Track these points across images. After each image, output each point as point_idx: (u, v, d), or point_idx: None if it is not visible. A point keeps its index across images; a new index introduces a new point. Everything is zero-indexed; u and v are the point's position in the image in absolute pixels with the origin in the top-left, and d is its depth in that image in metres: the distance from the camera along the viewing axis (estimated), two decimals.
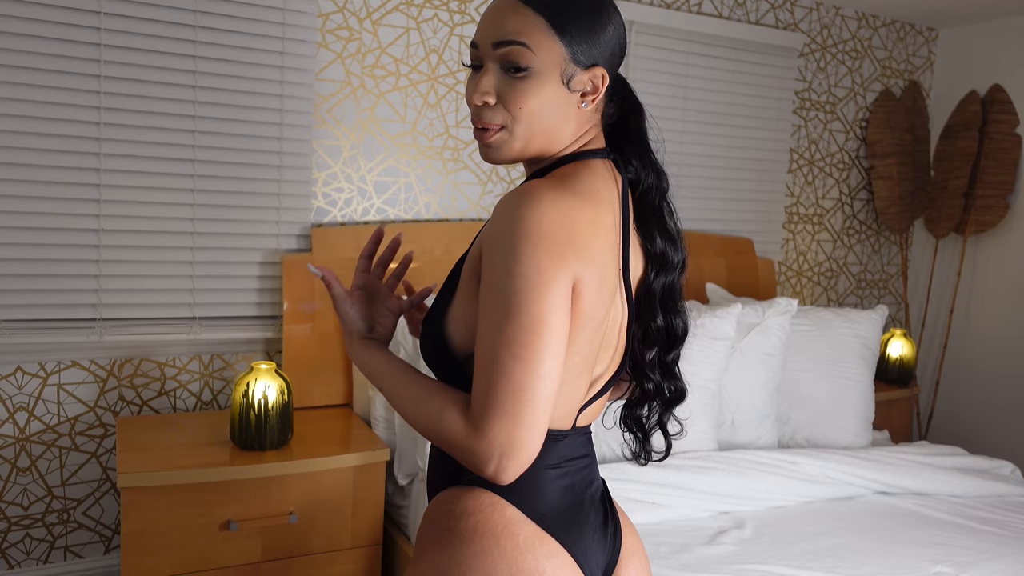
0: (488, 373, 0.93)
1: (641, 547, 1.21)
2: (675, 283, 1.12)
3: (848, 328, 2.80)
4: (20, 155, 2.16)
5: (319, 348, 2.48)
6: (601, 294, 1.00)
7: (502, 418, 0.91)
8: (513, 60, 0.99)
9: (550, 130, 1.03)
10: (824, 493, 2.36)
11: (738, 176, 3.29)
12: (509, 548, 1.00)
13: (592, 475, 1.13)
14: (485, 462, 0.93)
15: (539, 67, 0.99)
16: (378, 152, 2.63)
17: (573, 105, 1.04)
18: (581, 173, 1.04)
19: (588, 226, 0.97)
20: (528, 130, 1.02)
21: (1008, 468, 2.64)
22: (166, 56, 2.28)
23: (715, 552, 1.99)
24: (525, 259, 0.92)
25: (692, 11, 3.10)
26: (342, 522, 2.13)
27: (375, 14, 2.57)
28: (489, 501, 1.02)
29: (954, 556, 2.01)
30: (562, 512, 1.05)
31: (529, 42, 0.99)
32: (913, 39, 3.71)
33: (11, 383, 2.26)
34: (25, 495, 2.30)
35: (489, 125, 1.03)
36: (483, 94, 1.02)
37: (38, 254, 2.21)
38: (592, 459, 1.14)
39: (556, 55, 1.00)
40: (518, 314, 0.92)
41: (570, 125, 1.05)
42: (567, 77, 1.01)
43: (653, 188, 1.12)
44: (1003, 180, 3.42)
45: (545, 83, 1.00)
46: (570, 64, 1.01)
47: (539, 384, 0.92)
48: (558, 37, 0.99)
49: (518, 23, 0.99)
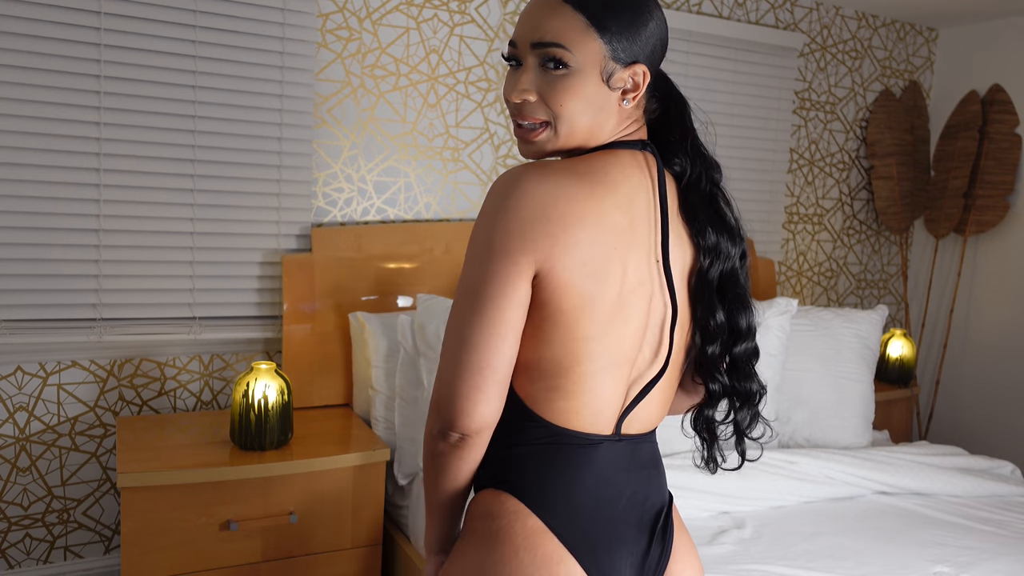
0: (450, 332, 0.99)
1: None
2: (736, 274, 1.08)
3: (848, 328, 2.80)
4: (20, 155, 2.16)
5: (319, 348, 2.48)
6: (597, 272, 0.98)
7: (444, 370, 0.98)
8: (553, 57, 0.99)
9: (591, 127, 1.03)
10: (824, 493, 2.36)
11: (738, 176, 3.29)
12: (526, 562, 0.97)
13: (645, 491, 1.07)
14: (444, 408, 0.98)
15: (578, 65, 0.99)
16: (378, 152, 2.63)
17: (614, 102, 1.03)
18: (597, 158, 1.03)
19: (575, 201, 0.97)
20: (570, 127, 1.02)
21: (1008, 468, 2.64)
22: (166, 56, 2.28)
23: (715, 552, 1.99)
24: (492, 232, 0.96)
25: (692, 11, 3.10)
26: (342, 522, 2.13)
27: (375, 14, 2.57)
28: (514, 508, 1.00)
29: (954, 556, 2.01)
30: (591, 528, 1.01)
31: (568, 43, 0.98)
32: (913, 39, 3.71)
33: (11, 383, 2.26)
34: (25, 495, 2.30)
35: (533, 121, 1.02)
36: (523, 92, 1.01)
37: (38, 254, 2.21)
38: (650, 473, 1.08)
39: (596, 53, 0.99)
40: (464, 276, 0.98)
41: (611, 121, 1.04)
42: (607, 75, 1.01)
43: (702, 178, 1.10)
44: (1003, 180, 3.42)
45: (585, 81, 1.00)
46: (610, 62, 1.00)
47: (478, 346, 0.96)
48: (598, 34, 0.99)
49: (557, 23, 0.99)
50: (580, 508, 1.00)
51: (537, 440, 1.02)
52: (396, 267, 2.58)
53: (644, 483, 1.07)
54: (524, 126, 1.03)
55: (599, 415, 1.02)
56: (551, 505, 1.00)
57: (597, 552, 1.00)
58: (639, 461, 1.07)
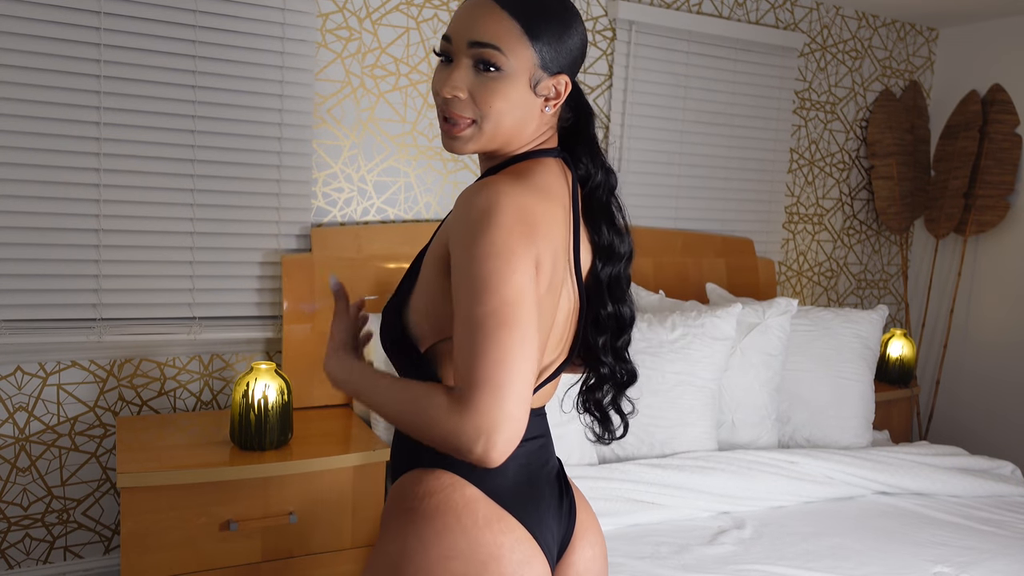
0: (471, 349, 0.93)
1: (596, 524, 1.27)
2: (622, 273, 1.19)
3: (848, 328, 2.80)
4: (20, 155, 2.16)
5: (319, 348, 2.48)
6: (552, 282, 1.06)
7: (488, 389, 0.91)
8: (487, 59, 1.04)
9: (513, 129, 1.08)
10: (824, 493, 2.36)
11: (738, 176, 3.29)
12: (469, 524, 1.05)
13: (547, 455, 1.20)
14: (473, 439, 0.91)
15: (511, 69, 1.04)
16: (378, 152, 2.63)
17: (537, 108, 1.09)
18: (535, 170, 1.10)
19: (543, 216, 1.03)
20: (495, 128, 1.07)
21: (1008, 468, 2.64)
22: (166, 56, 2.28)
23: (715, 552, 1.99)
24: (498, 242, 0.96)
25: (692, 11, 3.10)
26: (342, 522, 2.13)
27: (375, 14, 2.57)
28: (449, 481, 1.08)
29: (954, 556, 2.01)
30: (519, 490, 1.11)
31: (504, 47, 1.03)
32: (913, 39, 3.71)
33: (11, 383, 2.26)
34: (25, 495, 2.30)
35: (459, 119, 1.07)
36: (454, 88, 1.05)
37: (38, 254, 2.21)
38: (547, 439, 1.21)
39: (527, 60, 1.04)
40: (497, 291, 0.94)
41: (531, 126, 1.10)
42: (535, 81, 1.06)
43: (602, 185, 1.16)
44: (1003, 180, 3.42)
45: (514, 85, 1.05)
46: (538, 69, 1.06)
47: (522, 355, 0.93)
48: (531, 42, 1.04)
49: (495, 26, 1.03)
50: (508, 473, 1.10)
51: None
52: (396, 267, 2.58)
53: (548, 449, 1.21)
54: (450, 121, 1.08)
55: None
56: (482, 474, 1.08)
57: (526, 508, 1.11)
58: (541, 430, 1.19)
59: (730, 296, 2.94)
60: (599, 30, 2.95)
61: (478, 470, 1.07)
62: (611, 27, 2.97)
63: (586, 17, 2.92)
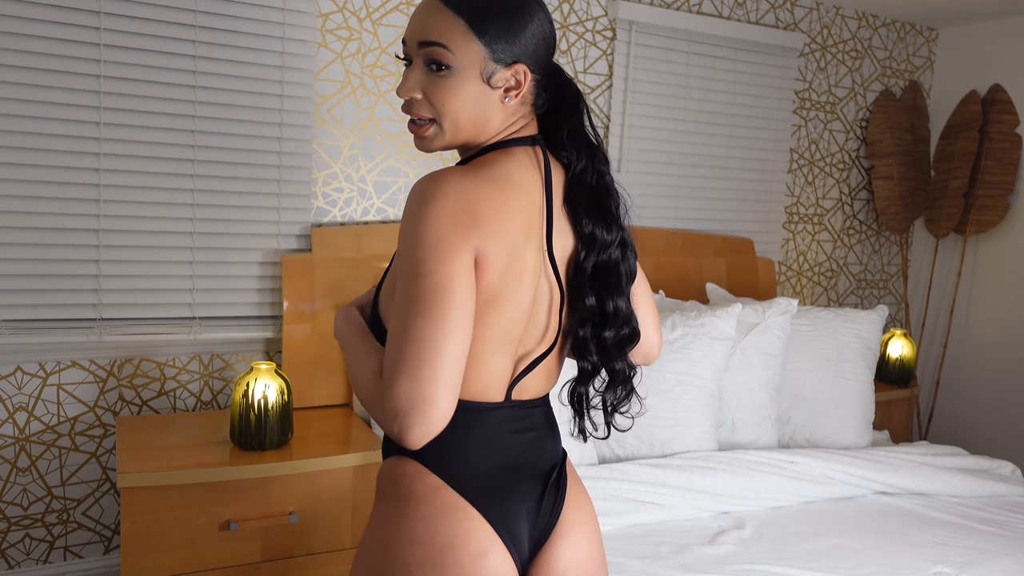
0: (396, 334, 0.98)
1: (587, 527, 1.22)
2: (612, 263, 1.15)
3: (848, 328, 2.80)
4: (20, 155, 2.16)
5: (319, 348, 2.48)
6: (509, 271, 1.05)
7: (406, 373, 0.95)
8: (435, 59, 1.06)
9: (474, 123, 1.10)
10: (824, 493, 2.36)
11: (738, 176, 3.29)
12: (427, 512, 1.07)
13: (536, 449, 1.17)
14: (391, 420, 0.96)
15: (459, 66, 1.06)
16: (378, 152, 2.63)
17: (496, 100, 1.10)
18: (498, 160, 1.10)
19: (495, 207, 1.04)
20: (454, 124, 1.09)
21: (1008, 468, 2.64)
22: (166, 56, 2.28)
23: (715, 552, 1.99)
24: (430, 230, 0.99)
25: (692, 11, 3.10)
26: (342, 522, 2.13)
27: (375, 14, 2.57)
28: (412, 469, 1.11)
29: (954, 556, 2.01)
30: (487, 481, 1.11)
31: (449, 44, 1.05)
32: (913, 39, 3.71)
33: (11, 383, 2.26)
34: (25, 495, 2.30)
35: (420, 117, 1.10)
36: (409, 90, 1.09)
37: (38, 254, 2.21)
38: (540, 433, 1.19)
39: (476, 54, 1.06)
40: (423, 278, 0.98)
41: (496, 117, 1.11)
42: (487, 75, 1.07)
43: (588, 170, 1.15)
44: (1003, 180, 3.42)
45: (466, 80, 1.07)
46: (490, 62, 1.07)
47: (444, 342, 0.96)
48: (476, 37, 1.05)
49: (440, 25, 1.05)
50: (474, 464, 1.11)
51: None
52: None
53: (537, 442, 1.18)
54: (415, 122, 1.11)
55: (489, 386, 1.11)
56: (447, 464, 1.10)
57: (490, 500, 1.10)
58: (530, 423, 1.17)
59: (730, 296, 2.94)
60: (599, 30, 2.95)
61: (442, 459, 1.10)
62: (611, 27, 2.97)
63: (586, 17, 2.92)
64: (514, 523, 1.12)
